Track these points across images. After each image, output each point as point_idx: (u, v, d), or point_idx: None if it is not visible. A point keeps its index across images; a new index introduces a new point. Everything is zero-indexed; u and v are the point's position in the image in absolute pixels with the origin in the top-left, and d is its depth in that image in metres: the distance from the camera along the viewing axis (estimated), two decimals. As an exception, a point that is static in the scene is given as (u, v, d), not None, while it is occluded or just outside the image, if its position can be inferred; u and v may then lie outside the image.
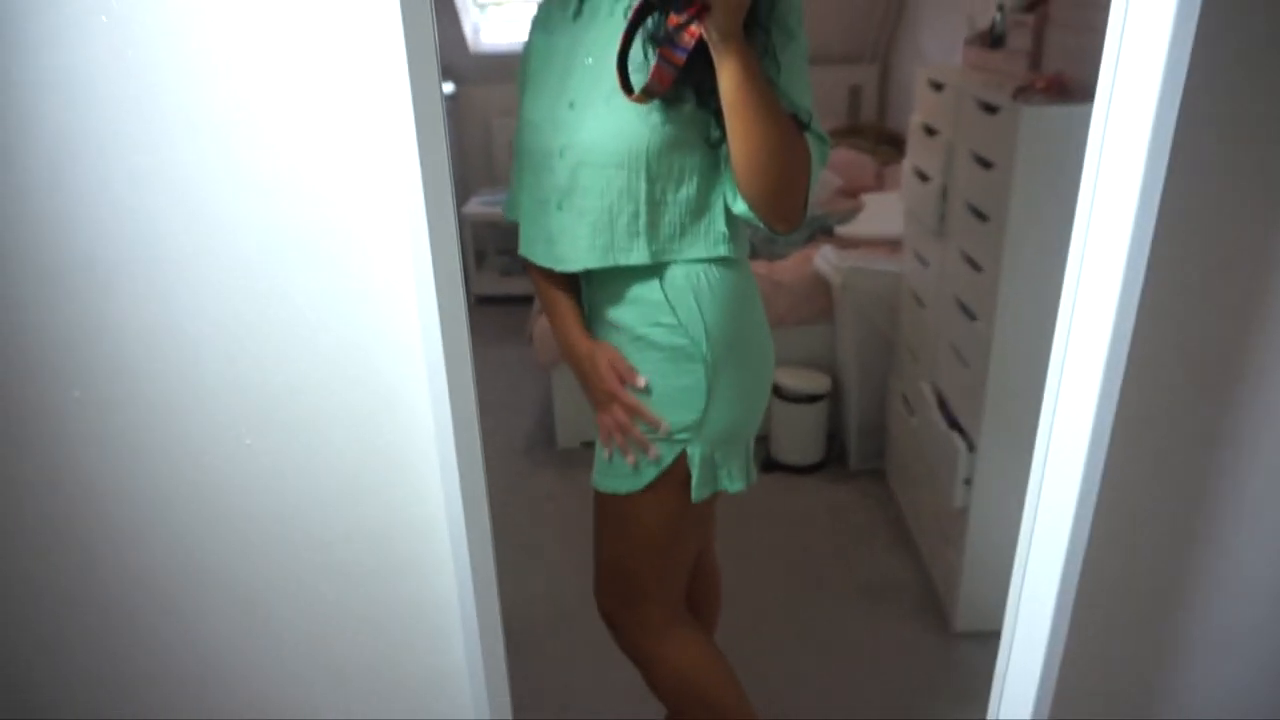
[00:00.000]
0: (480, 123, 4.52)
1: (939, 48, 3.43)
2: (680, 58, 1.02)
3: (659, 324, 1.22)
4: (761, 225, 1.15)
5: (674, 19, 1.01)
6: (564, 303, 1.32)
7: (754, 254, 2.84)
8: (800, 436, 2.72)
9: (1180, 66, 0.63)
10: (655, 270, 1.21)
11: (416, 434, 0.97)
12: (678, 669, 1.44)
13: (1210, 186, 0.70)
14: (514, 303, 4.19)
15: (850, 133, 3.89)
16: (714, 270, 1.22)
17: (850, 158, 3.53)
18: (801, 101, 1.12)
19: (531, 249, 1.29)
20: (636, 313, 1.23)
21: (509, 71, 1.71)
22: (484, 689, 1.01)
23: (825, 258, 2.68)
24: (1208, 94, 0.67)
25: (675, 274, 1.21)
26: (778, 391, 2.67)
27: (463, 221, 4.27)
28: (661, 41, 1.03)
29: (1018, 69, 1.99)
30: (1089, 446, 0.73)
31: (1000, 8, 2.14)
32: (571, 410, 2.89)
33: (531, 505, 2.69)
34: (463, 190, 4.54)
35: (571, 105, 1.15)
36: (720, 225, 1.21)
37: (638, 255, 1.19)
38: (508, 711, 1.09)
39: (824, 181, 3.26)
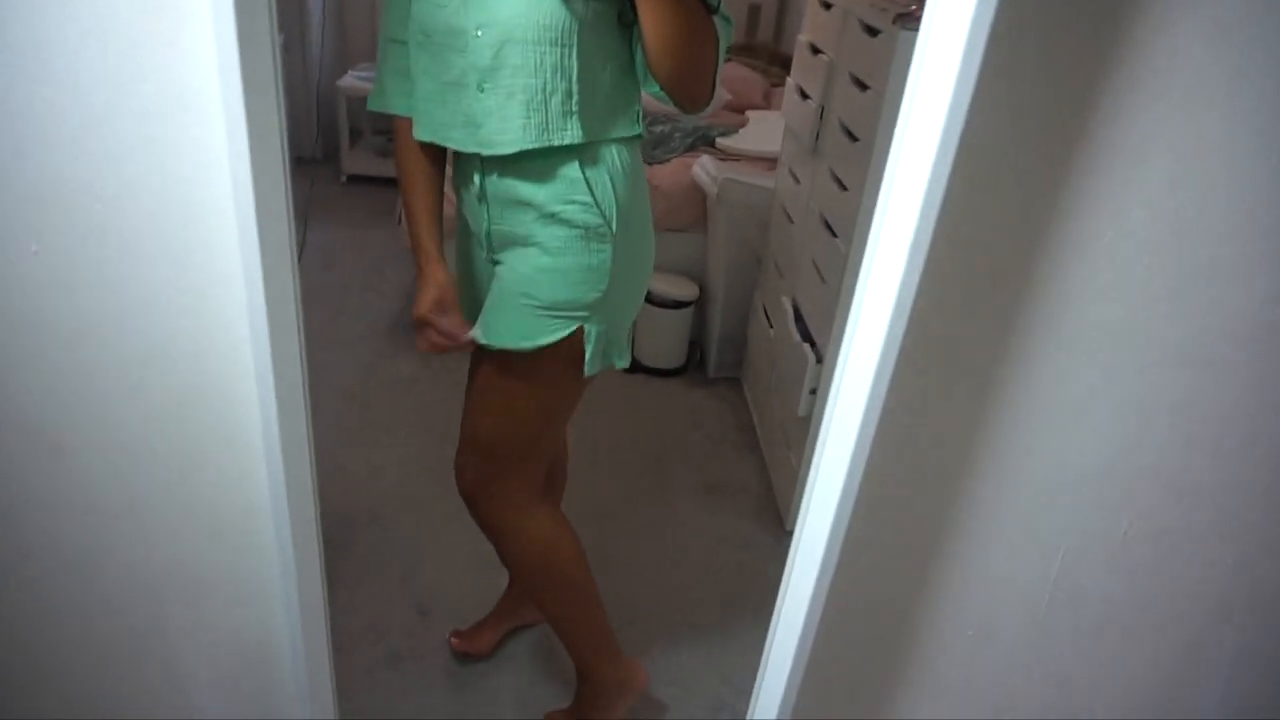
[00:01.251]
0: (365, -9, 4.26)
1: (837, -28, 3.44)
2: None
3: (574, 202, 1.22)
4: (672, 104, 1.20)
5: None
6: (425, 201, 1.32)
7: (636, 157, 2.84)
8: (665, 341, 2.79)
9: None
10: (575, 150, 1.20)
11: (226, 251, 0.88)
12: (536, 543, 1.47)
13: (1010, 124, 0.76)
14: (386, 184, 4.05)
15: (744, 50, 3.90)
16: (625, 150, 1.26)
17: (742, 74, 3.54)
18: None
19: (443, 134, 1.23)
20: (552, 191, 1.22)
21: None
22: (288, 528, 0.99)
23: (704, 167, 2.71)
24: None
25: (595, 153, 1.22)
26: (646, 296, 2.71)
27: (338, 96, 4.05)
28: None
29: (903, -5, 2.03)
30: (878, 364, 0.79)
31: (895, -68, 2.16)
32: (439, 297, 2.85)
33: (391, 386, 2.66)
34: (340, 64, 4.29)
35: None
36: (637, 105, 1.25)
37: (571, 135, 1.18)
38: (316, 553, 1.07)
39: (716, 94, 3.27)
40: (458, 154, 1.28)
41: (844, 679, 1.04)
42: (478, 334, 1.31)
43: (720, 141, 2.93)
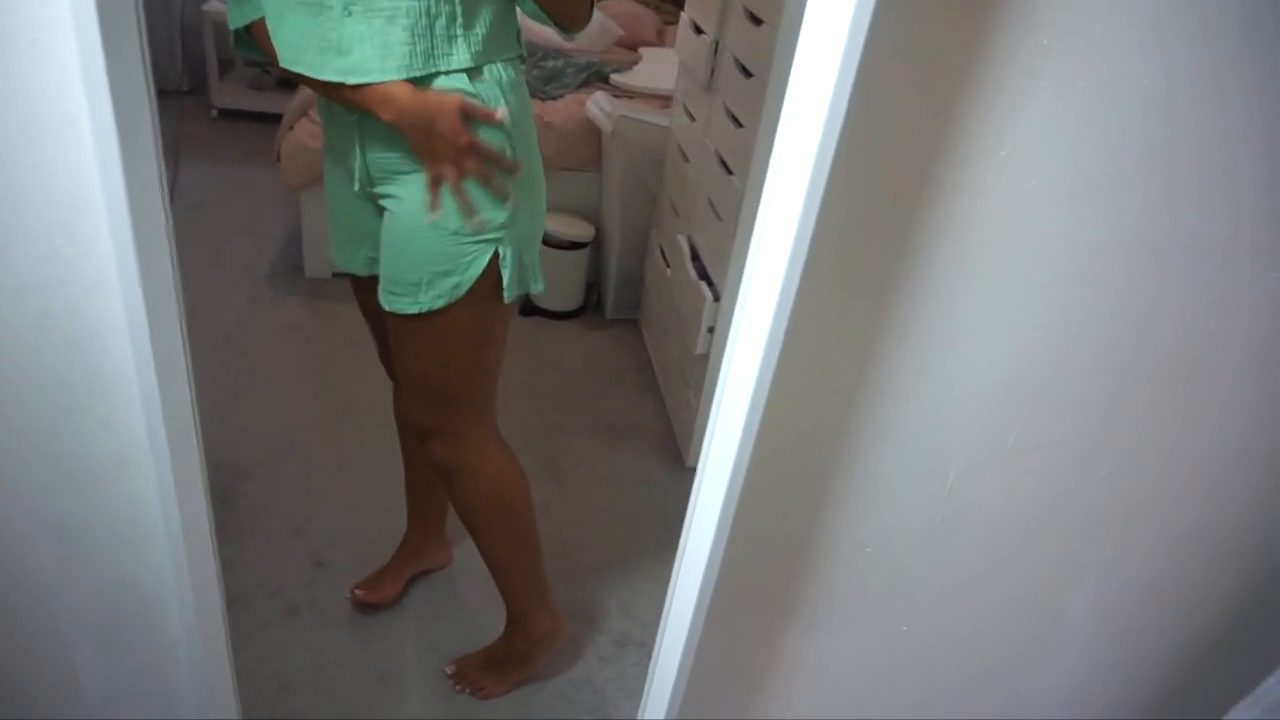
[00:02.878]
0: (228, -91, 3.95)
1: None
2: None
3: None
4: (550, 24, 1.17)
5: None
6: None
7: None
8: (561, 283, 2.75)
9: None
10: (467, 72, 1.15)
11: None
12: (492, 481, 1.44)
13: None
14: (261, 119, 3.82)
15: (636, -16, 3.83)
16: (511, 69, 1.21)
17: (635, 10, 3.47)
18: None
19: (307, 62, 1.12)
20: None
21: None
22: (170, 476, 0.93)
23: (598, 104, 2.66)
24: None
25: (486, 74, 1.17)
26: (542, 238, 2.66)
27: (203, 22, 3.78)
28: None
29: (796, -71, 2.02)
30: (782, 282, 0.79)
31: None
32: (321, 237, 2.72)
33: (274, 334, 2.54)
34: (206, -14, 3.99)
35: None
36: (517, 24, 1.21)
37: (458, 59, 1.13)
38: (202, 504, 1.02)
39: (605, 29, 3.20)
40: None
41: (748, 605, 1.06)
42: (397, 305, 1.25)
43: (615, 78, 2.88)
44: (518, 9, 1.20)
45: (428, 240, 1.21)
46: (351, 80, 1.12)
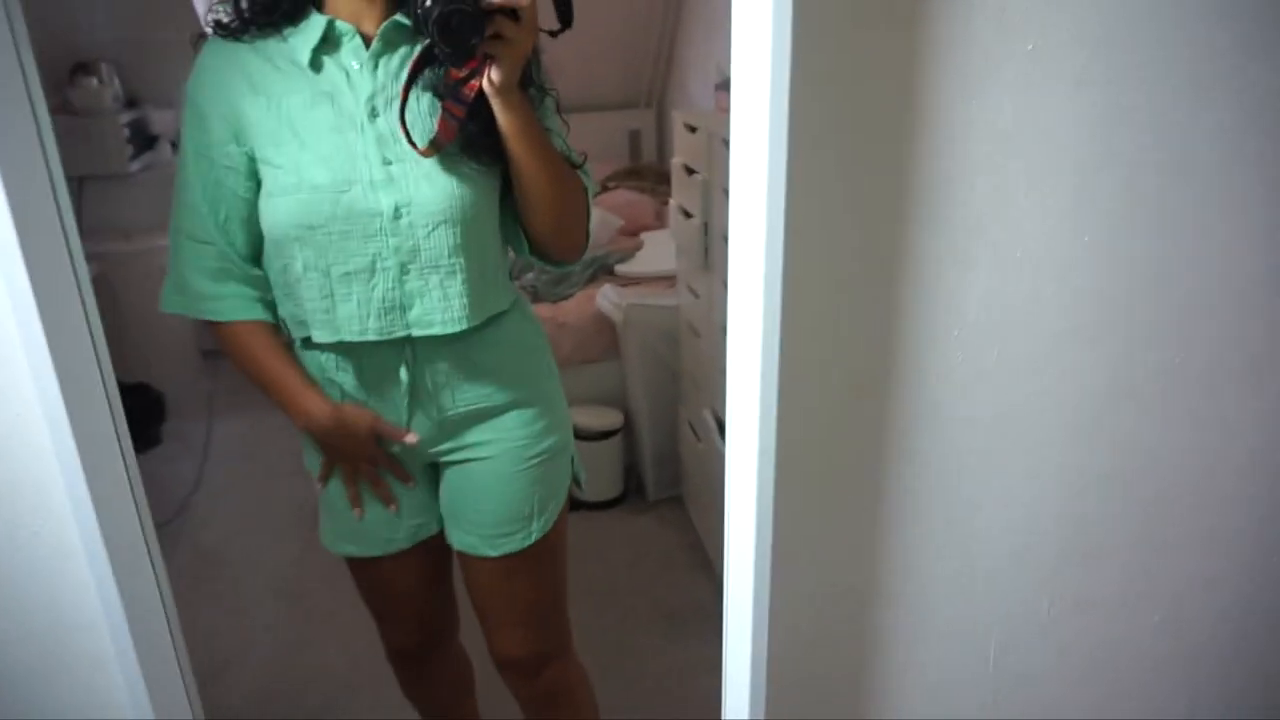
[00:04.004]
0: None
1: (702, 92, 3.63)
2: (462, 110, 1.06)
3: (537, 348, 1.31)
4: (548, 265, 1.28)
5: (454, 73, 1.04)
6: (293, 364, 1.22)
7: (537, 298, 2.87)
8: (599, 473, 2.76)
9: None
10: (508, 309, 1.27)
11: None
12: (590, 688, 1.49)
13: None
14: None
15: (631, 175, 4.04)
16: (524, 298, 1.34)
17: (631, 199, 3.66)
18: (566, 145, 1.21)
19: (355, 328, 1.15)
20: (510, 346, 1.26)
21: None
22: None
23: (606, 296, 2.75)
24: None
25: (520, 306, 1.30)
26: (575, 432, 2.70)
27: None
28: (444, 95, 1.06)
29: (757, 111, 2.14)
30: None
31: (740, 55, 2.29)
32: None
33: (324, 574, 2.56)
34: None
35: (388, 162, 1.11)
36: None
37: (505, 300, 1.25)
38: None
39: (606, 223, 3.36)
40: (358, 357, 1.20)
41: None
42: (485, 545, 1.30)
43: (619, 268, 2.99)
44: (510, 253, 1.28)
45: (547, 468, 1.29)
46: (420, 333, 1.16)
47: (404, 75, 1.08)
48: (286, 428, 1.29)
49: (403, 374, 1.20)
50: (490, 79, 1.03)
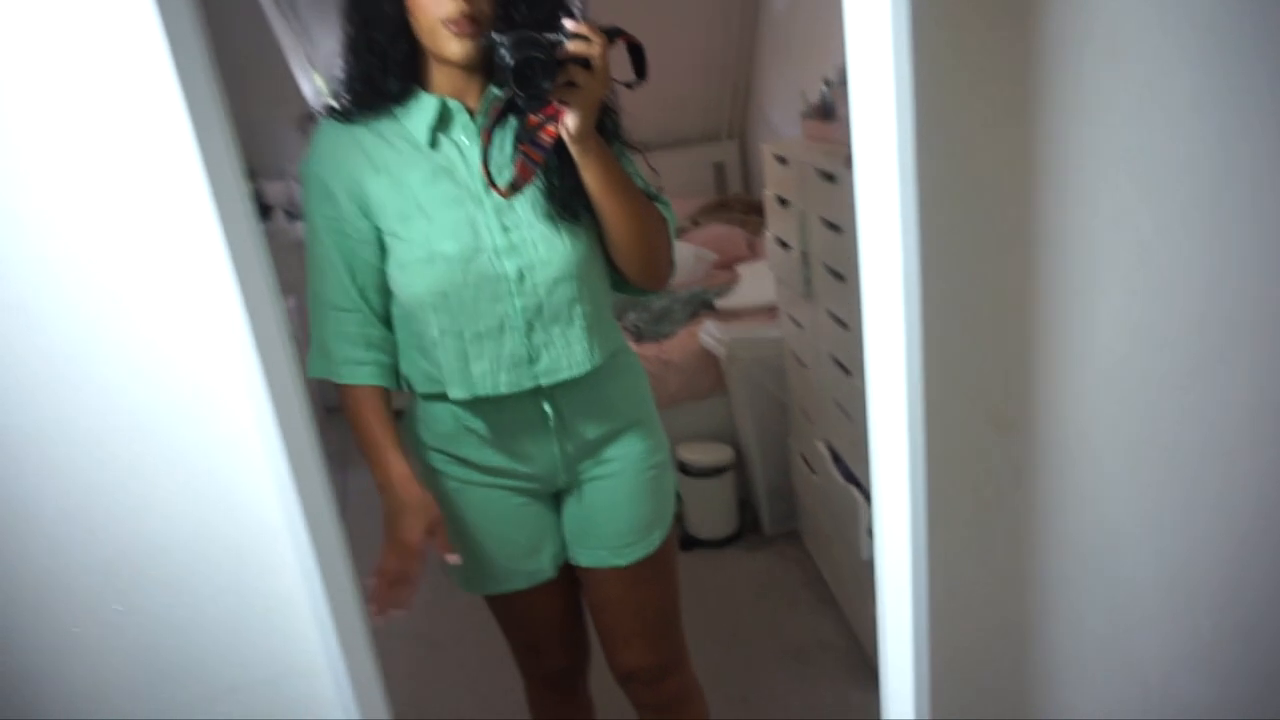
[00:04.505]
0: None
1: (784, 119, 3.63)
2: (540, 155, 1.12)
3: (642, 374, 1.42)
4: (637, 295, 1.36)
5: (532, 119, 1.10)
6: (392, 434, 1.26)
7: (641, 337, 2.90)
8: (712, 510, 2.75)
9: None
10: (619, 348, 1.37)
11: (281, 566, 0.95)
12: (705, 711, 1.55)
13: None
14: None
15: (719, 208, 4.05)
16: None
17: (722, 232, 3.66)
18: (645, 181, 1.28)
19: (489, 383, 1.23)
20: (622, 380, 1.36)
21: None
22: None
23: (709, 332, 2.76)
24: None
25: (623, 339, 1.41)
26: (684, 469, 2.70)
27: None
28: (522, 139, 1.12)
29: (849, 137, 2.12)
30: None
31: (826, 82, 2.29)
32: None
33: (457, 620, 2.62)
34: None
35: (506, 229, 1.19)
36: None
37: (618, 338, 1.35)
38: None
39: (700, 258, 3.37)
40: (497, 405, 1.26)
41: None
42: (614, 556, 1.39)
43: (719, 303, 2.99)
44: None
45: (659, 479, 1.40)
46: (548, 381, 1.25)
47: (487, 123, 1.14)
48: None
49: (549, 410, 1.29)
50: (566, 126, 1.10)
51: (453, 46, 1.13)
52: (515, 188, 1.13)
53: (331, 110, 1.23)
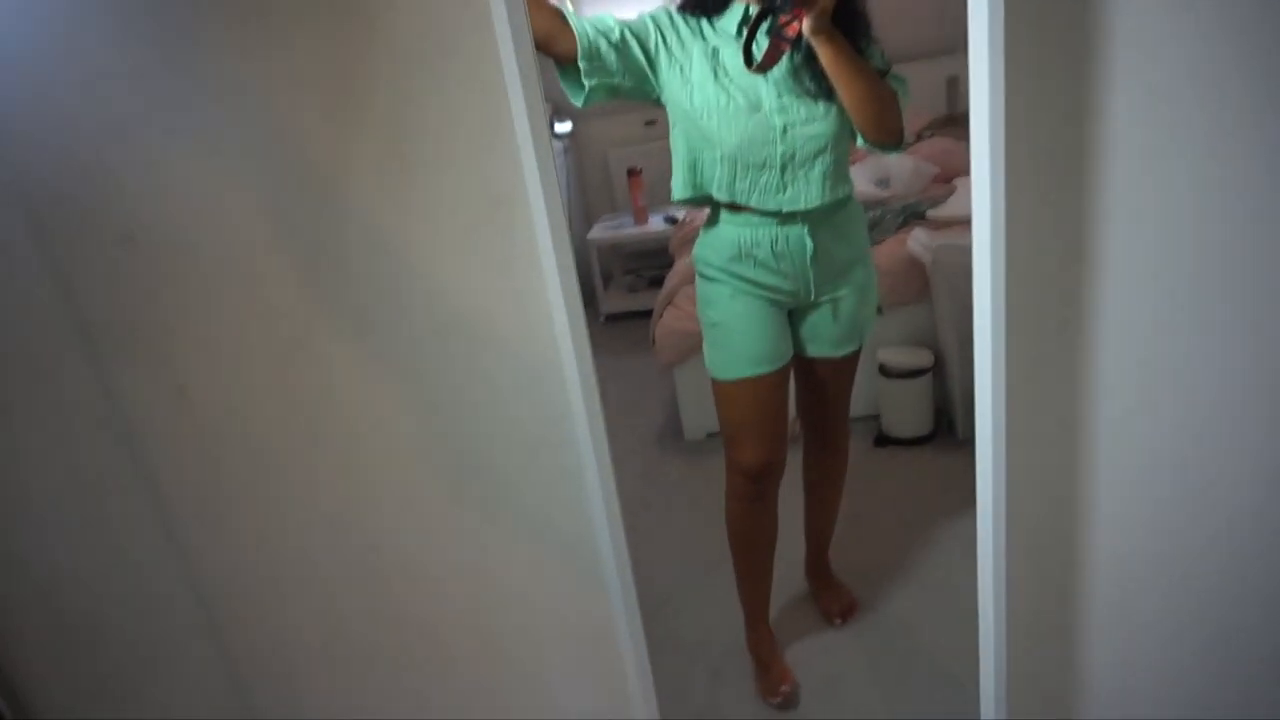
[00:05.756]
0: (598, 155, 4.91)
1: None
2: (785, 45, 1.51)
3: (864, 221, 1.87)
4: (876, 148, 1.66)
5: (782, 19, 1.49)
6: None
7: (850, 245, 3.04)
8: (908, 411, 2.89)
9: None
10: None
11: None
12: (843, 488, 2.21)
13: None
14: (639, 317, 4.53)
15: (948, 123, 4.01)
16: None
17: (947, 146, 3.66)
18: (885, 59, 1.66)
19: (745, 195, 1.70)
20: (846, 218, 1.77)
21: (618, 108, 2.08)
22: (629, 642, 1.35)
23: (917, 239, 2.85)
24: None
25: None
26: (884, 370, 2.86)
27: (589, 247, 4.64)
28: (772, 33, 1.50)
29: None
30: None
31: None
32: (695, 405, 3.17)
33: (666, 489, 2.98)
34: (586, 218, 4.93)
35: (779, 95, 1.62)
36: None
37: (849, 187, 1.75)
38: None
39: (920, 171, 3.42)
40: (770, 231, 1.72)
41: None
42: (838, 347, 1.90)
43: (930, 214, 3.06)
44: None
45: (868, 302, 1.88)
46: (793, 208, 1.69)
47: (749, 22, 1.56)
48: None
49: (807, 240, 1.73)
50: (805, 24, 1.47)
51: None
52: (763, 67, 1.51)
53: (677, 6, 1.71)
